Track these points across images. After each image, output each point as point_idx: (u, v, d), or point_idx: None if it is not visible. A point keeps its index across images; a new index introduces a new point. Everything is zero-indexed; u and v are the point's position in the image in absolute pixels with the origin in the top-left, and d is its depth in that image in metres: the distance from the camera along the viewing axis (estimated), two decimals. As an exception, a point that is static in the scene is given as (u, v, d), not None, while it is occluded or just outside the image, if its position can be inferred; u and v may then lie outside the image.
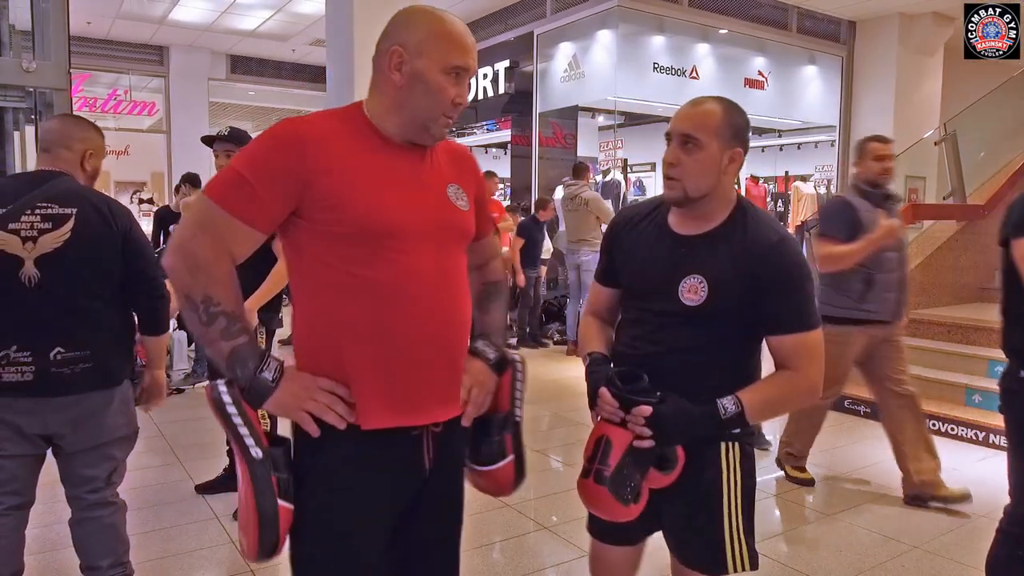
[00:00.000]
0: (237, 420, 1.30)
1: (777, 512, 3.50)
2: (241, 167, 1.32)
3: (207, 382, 1.26)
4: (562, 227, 8.43)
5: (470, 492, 1.64)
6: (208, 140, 3.25)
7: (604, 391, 1.57)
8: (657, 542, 1.78)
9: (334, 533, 1.38)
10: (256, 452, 1.30)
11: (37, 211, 2.08)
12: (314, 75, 11.49)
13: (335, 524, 1.38)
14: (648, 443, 1.51)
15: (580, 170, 7.07)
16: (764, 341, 1.64)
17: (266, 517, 1.30)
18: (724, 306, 1.55)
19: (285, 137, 1.35)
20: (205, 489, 3.52)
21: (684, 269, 1.58)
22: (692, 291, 1.56)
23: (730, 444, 1.62)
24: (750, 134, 1.65)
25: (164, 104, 10.85)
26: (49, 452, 2.23)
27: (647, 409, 1.50)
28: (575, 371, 6.43)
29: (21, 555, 2.22)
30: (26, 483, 2.17)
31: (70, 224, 2.09)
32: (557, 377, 6.28)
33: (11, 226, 2.06)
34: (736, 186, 6.99)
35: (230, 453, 3.33)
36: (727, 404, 1.52)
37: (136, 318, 2.31)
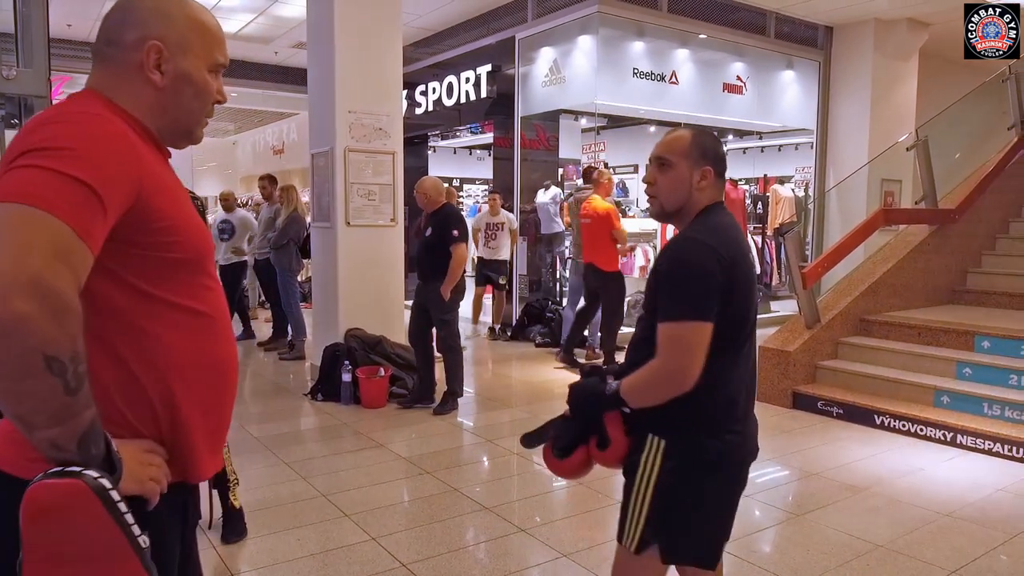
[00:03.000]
0: (125, 511, 1.00)
1: (748, 512, 3.59)
2: (83, 175, 0.99)
3: (48, 475, 0.96)
4: (550, 228, 8.54)
5: (447, 495, 1.71)
6: None
7: None
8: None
9: None
10: (145, 541, 1.02)
11: None
12: (297, 77, 11.48)
13: None
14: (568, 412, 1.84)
15: (591, 174, 7.07)
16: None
17: None
18: (649, 301, 1.76)
19: (120, 137, 1.09)
20: None
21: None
22: (648, 289, 1.80)
23: (655, 439, 1.73)
24: (722, 153, 1.84)
25: (146, 106, 10.82)
26: None
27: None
28: (557, 374, 6.50)
29: None
30: None
31: None
32: (541, 379, 6.34)
33: None
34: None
35: None
36: (612, 384, 1.75)
37: None
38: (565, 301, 7.67)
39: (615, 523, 1.86)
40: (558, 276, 8.91)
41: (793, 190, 10.48)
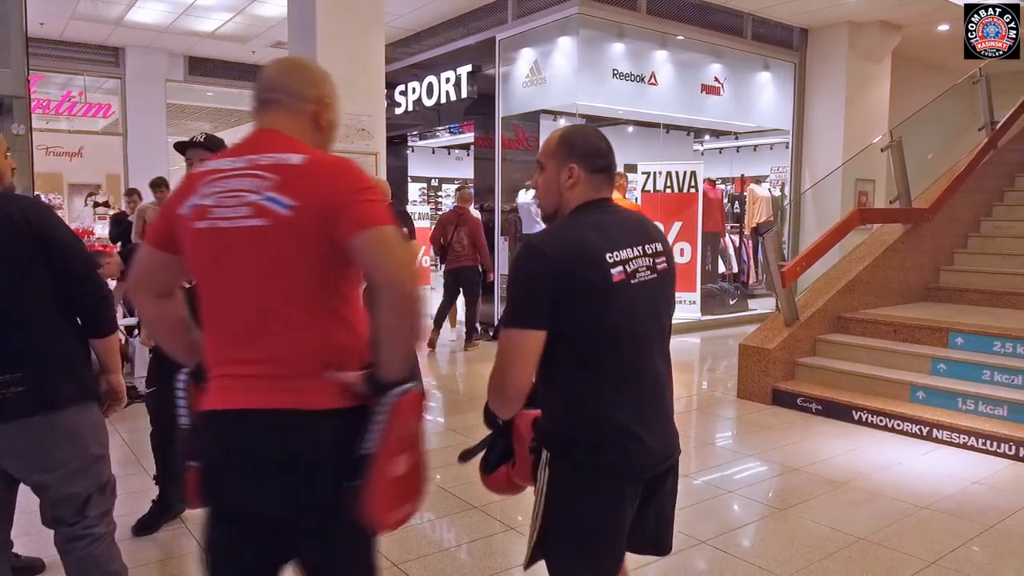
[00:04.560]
0: None
1: (731, 507, 3.65)
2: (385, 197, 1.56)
3: (403, 390, 1.46)
4: (531, 228, 8.56)
5: (435, 495, 1.73)
6: (181, 146, 3.15)
7: None
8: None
9: None
10: None
11: None
12: (275, 77, 11.42)
13: None
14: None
15: None
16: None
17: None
18: None
19: None
20: (141, 529, 3.24)
21: None
22: None
23: (544, 452, 1.69)
24: (596, 148, 1.75)
25: (120, 106, 10.67)
26: None
27: None
28: (539, 373, 6.54)
29: None
30: None
31: None
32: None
33: None
34: (694, 189, 7.10)
35: (155, 479, 3.35)
36: None
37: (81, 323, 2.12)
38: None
39: None
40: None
41: (770, 190, 10.61)
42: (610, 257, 1.62)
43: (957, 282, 6.64)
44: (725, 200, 10.58)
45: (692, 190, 8.77)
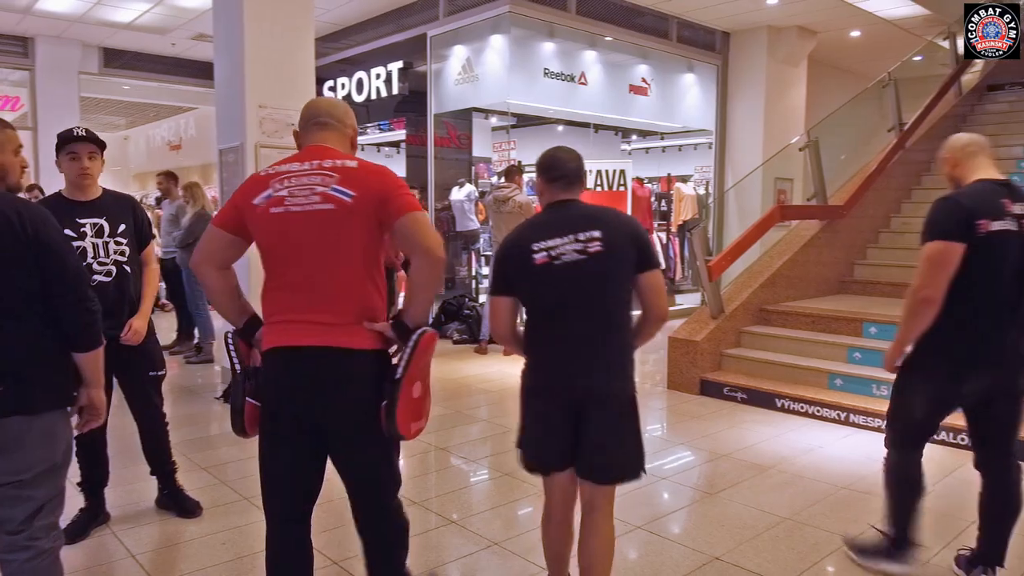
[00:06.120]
0: None
1: (663, 494, 3.77)
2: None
3: (423, 331, 2.06)
4: (465, 226, 8.58)
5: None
6: (67, 138, 3.19)
7: None
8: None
9: None
10: None
11: None
12: (196, 70, 11.05)
13: None
14: None
15: (511, 173, 7.00)
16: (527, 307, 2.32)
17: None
18: None
19: None
20: (69, 537, 2.99)
21: None
22: None
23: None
24: (547, 164, 2.31)
25: (29, 99, 10.13)
26: None
27: None
28: (475, 370, 6.56)
29: None
30: None
31: None
32: (458, 376, 6.38)
33: None
34: (623, 187, 7.26)
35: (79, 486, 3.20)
36: None
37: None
38: (484, 298, 7.74)
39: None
40: (474, 273, 8.97)
41: (695, 188, 10.92)
42: (535, 246, 2.16)
43: (870, 275, 7.00)
44: (652, 198, 10.81)
45: (621, 188, 8.95)
